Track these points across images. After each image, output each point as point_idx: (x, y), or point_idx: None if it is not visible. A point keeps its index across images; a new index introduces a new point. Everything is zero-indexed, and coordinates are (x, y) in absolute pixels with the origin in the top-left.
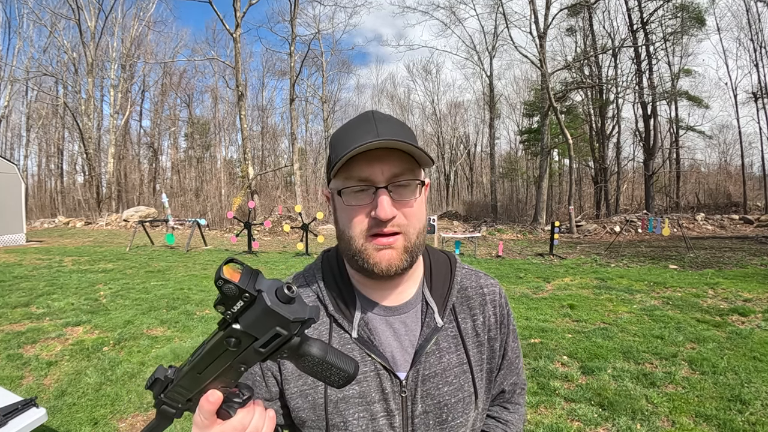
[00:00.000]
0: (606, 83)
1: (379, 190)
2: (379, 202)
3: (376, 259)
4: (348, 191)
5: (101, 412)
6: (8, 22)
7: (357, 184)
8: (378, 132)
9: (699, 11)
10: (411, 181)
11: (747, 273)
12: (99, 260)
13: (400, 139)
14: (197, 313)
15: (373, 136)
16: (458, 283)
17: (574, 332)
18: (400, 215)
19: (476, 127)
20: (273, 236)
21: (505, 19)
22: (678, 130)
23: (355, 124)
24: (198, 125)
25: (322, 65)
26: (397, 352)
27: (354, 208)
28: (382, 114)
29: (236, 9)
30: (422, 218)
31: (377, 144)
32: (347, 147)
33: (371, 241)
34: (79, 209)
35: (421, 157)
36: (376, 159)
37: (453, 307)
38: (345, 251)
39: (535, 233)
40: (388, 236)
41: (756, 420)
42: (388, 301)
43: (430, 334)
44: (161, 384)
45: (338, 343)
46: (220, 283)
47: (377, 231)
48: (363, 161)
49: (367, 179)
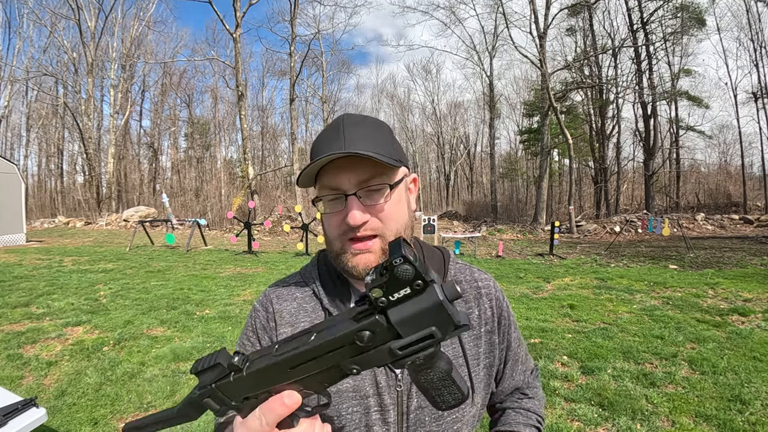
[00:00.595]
0: (606, 83)
1: (349, 198)
2: (348, 209)
3: (353, 263)
4: (323, 199)
5: (101, 412)
6: (8, 22)
7: (329, 192)
8: (344, 140)
9: (699, 11)
10: (380, 184)
11: (747, 273)
12: (99, 260)
13: (364, 149)
14: (197, 313)
15: (337, 146)
16: (452, 277)
17: (574, 332)
18: (373, 219)
19: (476, 127)
20: (273, 236)
21: (505, 19)
22: (678, 130)
23: (326, 131)
24: (198, 125)
25: (322, 65)
26: None
27: (330, 215)
28: (353, 118)
29: (236, 9)
30: (399, 218)
31: (338, 155)
32: (315, 157)
33: (349, 245)
34: (79, 209)
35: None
36: (342, 167)
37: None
38: (330, 253)
39: (535, 233)
40: (364, 240)
41: (756, 420)
42: None
43: None
44: (220, 371)
45: None
46: (399, 260)
47: (353, 235)
48: (331, 170)
49: (337, 188)
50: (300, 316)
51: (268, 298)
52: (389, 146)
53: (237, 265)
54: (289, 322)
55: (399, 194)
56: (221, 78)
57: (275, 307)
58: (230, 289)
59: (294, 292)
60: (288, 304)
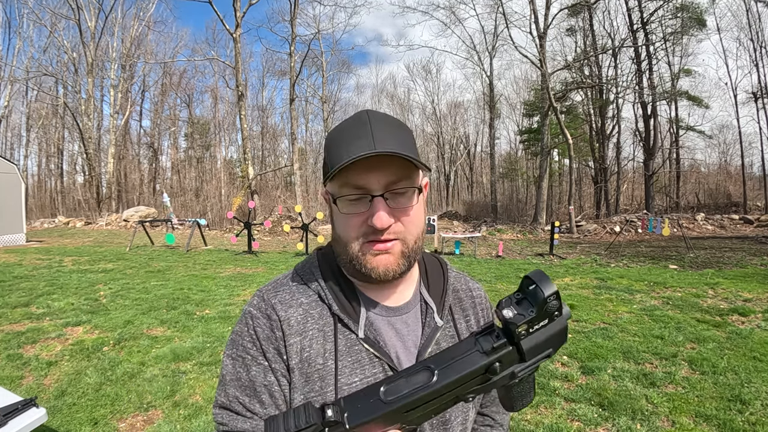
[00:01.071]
0: (606, 83)
1: (375, 199)
2: (375, 210)
3: (373, 264)
4: (344, 199)
5: (101, 412)
6: (8, 22)
7: (353, 192)
8: (374, 138)
9: (699, 11)
10: (408, 188)
11: (747, 273)
12: (99, 260)
13: (396, 149)
14: (197, 313)
15: (368, 144)
16: (451, 286)
17: (574, 332)
18: (397, 223)
19: (476, 127)
20: (273, 236)
21: (505, 19)
22: (678, 130)
23: (350, 126)
24: (198, 125)
25: (322, 65)
26: (401, 352)
27: (350, 216)
28: (377, 115)
29: (236, 9)
30: (420, 224)
31: (373, 154)
32: (341, 153)
33: (368, 246)
34: (79, 209)
35: (418, 164)
36: (372, 167)
37: (450, 308)
38: (341, 255)
39: (535, 233)
40: (385, 242)
41: (756, 420)
42: (389, 302)
43: (431, 334)
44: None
45: (345, 345)
46: (553, 298)
47: (374, 238)
48: (359, 169)
49: (363, 187)
50: (308, 324)
51: (269, 303)
52: (414, 148)
53: (237, 265)
54: (297, 331)
55: (421, 199)
56: (221, 78)
57: (280, 314)
58: (230, 289)
59: (298, 297)
60: (294, 311)
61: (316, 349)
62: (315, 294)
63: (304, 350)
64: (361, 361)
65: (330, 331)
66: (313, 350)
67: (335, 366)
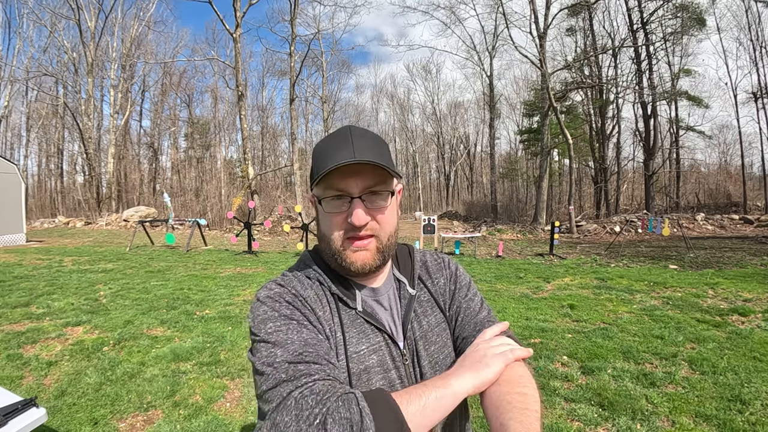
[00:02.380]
0: (606, 83)
1: (354, 200)
2: (353, 210)
3: (352, 259)
4: (327, 200)
5: (101, 412)
6: (8, 22)
7: (335, 193)
8: (354, 149)
9: (699, 11)
10: (383, 191)
11: (747, 273)
12: (99, 260)
13: (371, 159)
14: (197, 313)
15: (349, 154)
16: (419, 260)
17: (574, 332)
18: (373, 221)
19: (476, 127)
20: (273, 236)
21: (505, 19)
22: (678, 130)
23: (334, 138)
24: (198, 125)
25: (322, 65)
26: (390, 323)
27: (333, 215)
28: (358, 130)
29: (236, 9)
30: (393, 223)
31: (354, 162)
32: (326, 161)
33: (348, 243)
34: (79, 209)
35: (391, 171)
36: (351, 173)
37: (420, 277)
38: (326, 250)
39: (535, 233)
40: (363, 239)
41: (756, 420)
42: (372, 284)
43: (408, 304)
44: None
45: (348, 319)
46: None
47: (353, 234)
48: (340, 175)
49: (343, 190)
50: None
51: (287, 285)
52: (389, 158)
53: (237, 265)
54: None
55: (394, 201)
56: (221, 78)
57: (300, 292)
58: (230, 289)
59: (304, 281)
60: (307, 291)
61: (328, 323)
62: (315, 280)
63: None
64: (365, 332)
65: (333, 308)
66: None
67: (343, 337)
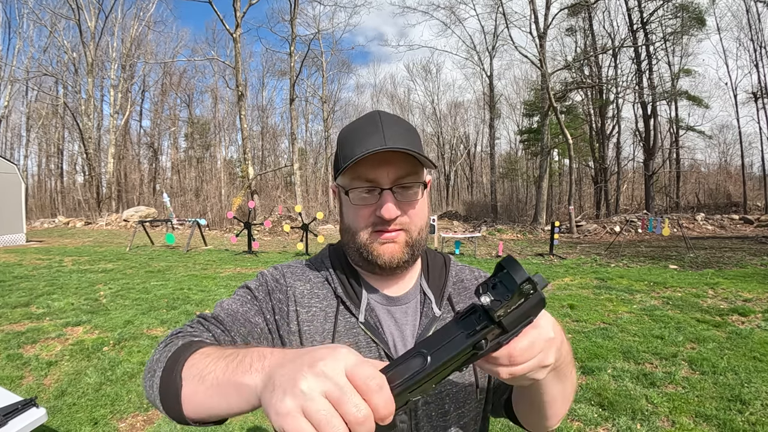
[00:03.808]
0: (606, 83)
1: (384, 192)
2: (383, 202)
3: (379, 252)
4: (355, 191)
5: (101, 412)
6: (8, 22)
7: (364, 184)
8: (385, 136)
9: (699, 11)
10: (414, 182)
11: (747, 273)
12: (99, 260)
13: (405, 147)
14: (197, 313)
15: (379, 141)
16: (454, 276)
17: (574, 332)
18: (403, 215)
19: (476, 127)
20: (273, 236)
21: (505, 19)
22: (678, 130)
23: (362, 124)
24: (198, 125)
25: (322, 65)
26: (398, 340)
27: (360, 207)
28: (388, 116)
29: (236, 9)
30: (424, 216)
31: (386, 149)
32: (355, 148)
33: (376, 236)
34: (79, 209)
35: (424, 161)
36: (382, 162)
37: (449, 297)
38: (349, 244)
39: (535, 233)
40: (391, 232)
41: (756, 420)
42: (390, 291)
43: (428, 324)
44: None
45: (344, 326)
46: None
47: (382, 228)
48: (370, 164)
49: (373, 180)
50: (312, 300)
51: (281, 271)
52: (420, 147)
53: (237, 265)
54: (301, 303)
55: (426, 194)
56: (221, 78)
57: (289, 281)
58: (230, 289)
59: (307, 274)
60: (301, 284)
61: (315, 326)
62: (323, 278)
63: (304, 323)
64: (358, 344)
65: (332, 312)
66: (312, 327)
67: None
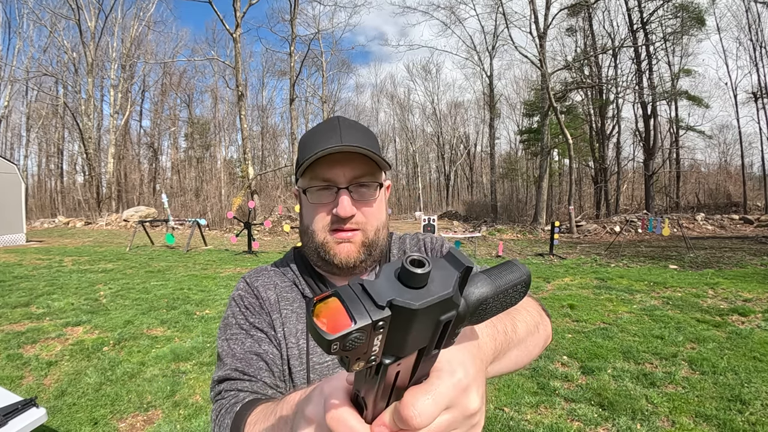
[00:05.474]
0: (606, 83)
1: (341, 190)
2: (339, 201)
3: (335, 251)
4: (312, 190)
5: (101, 412)
6: (8, 22)
7: (321, 183)
8: (341, 137)
9: (699, 11)
10: (370, 182)
11: (747, 273)
12: (99, 260)
13: (360, 145)
14: (197, 313)
15: (336, 141)
16: (398, 249)
17: (574, 332)
18: (359, 213)
19: (476, 127)
20: (273, 236)
21: (505, 19)
22: (678, 130)
23: (321, 128)
24: (198, 125)
25: (322, 65)
26: None
27: (317, 206)
28: (347, 120)
29: (236, 9)
30: (381, 216)
31: (339, 149)
32: (313, 150)
33: (332, 235)
34: (79, 209)
35: (380, 162)
36: (338, 162)
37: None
38: (308, 244)
39: (535, 233)
40: (347, 231)
41: (756, 420)
42: None
43: None
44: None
45: None
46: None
47: (338, 227)
48: (326, 164)
49: (330, 180)
50: (282, 304)
51: (253, 286)
52: (378, 150)
53: (237, 265)
54: (275, 309)
55: (382, 194)
56: (221, 78)
57: (262, 294)
58: (230, 289)
59: (274, 280)
60: (271, 292)
61: (290, 328)
62: (290, 281)
63: (281, 326)
64: None
65: (302, 312)
66: (287, 329)
67: (306, 346)
